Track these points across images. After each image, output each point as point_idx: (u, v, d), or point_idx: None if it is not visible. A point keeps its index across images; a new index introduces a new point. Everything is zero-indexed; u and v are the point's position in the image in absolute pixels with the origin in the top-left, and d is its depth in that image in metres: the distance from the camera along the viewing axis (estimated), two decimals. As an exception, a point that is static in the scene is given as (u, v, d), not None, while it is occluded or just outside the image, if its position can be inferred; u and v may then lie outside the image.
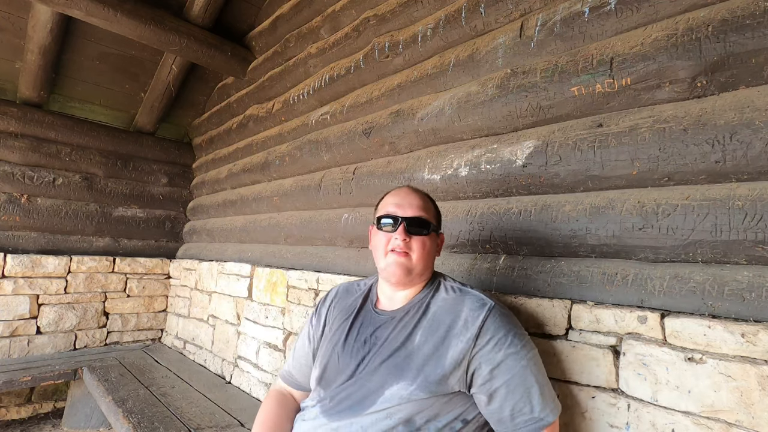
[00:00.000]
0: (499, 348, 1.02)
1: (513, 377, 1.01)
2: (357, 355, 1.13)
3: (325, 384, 1.16)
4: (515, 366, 1.01)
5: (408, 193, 1.20)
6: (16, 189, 3.31)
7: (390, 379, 1.05)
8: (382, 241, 1.15)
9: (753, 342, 0.94)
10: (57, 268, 3.41)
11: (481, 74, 1.68)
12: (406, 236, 1.11)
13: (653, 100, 1.22)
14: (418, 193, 1.22)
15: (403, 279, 1.12)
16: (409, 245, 1.12)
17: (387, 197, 1.23)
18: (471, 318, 1.06)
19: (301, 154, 2.62)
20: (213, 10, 3.18)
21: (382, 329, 1.14)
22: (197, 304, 3.49)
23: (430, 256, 1.17)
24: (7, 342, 3.17)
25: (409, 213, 1.14)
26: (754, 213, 1.00)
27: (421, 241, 1.13)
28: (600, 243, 1.28)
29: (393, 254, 1.12)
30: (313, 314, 1.36)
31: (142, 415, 2.19)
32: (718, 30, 1.06)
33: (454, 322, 1.07)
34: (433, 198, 1.27)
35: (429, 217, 1.17)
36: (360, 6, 2.34)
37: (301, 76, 2.80)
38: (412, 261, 1.12)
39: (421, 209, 1.16)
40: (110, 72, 3.48)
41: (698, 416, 0.99)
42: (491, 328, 1.04)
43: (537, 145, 1.43)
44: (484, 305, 1.07)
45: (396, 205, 1.16)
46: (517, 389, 1.00)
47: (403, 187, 1.26)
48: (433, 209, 1.22)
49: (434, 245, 1.19)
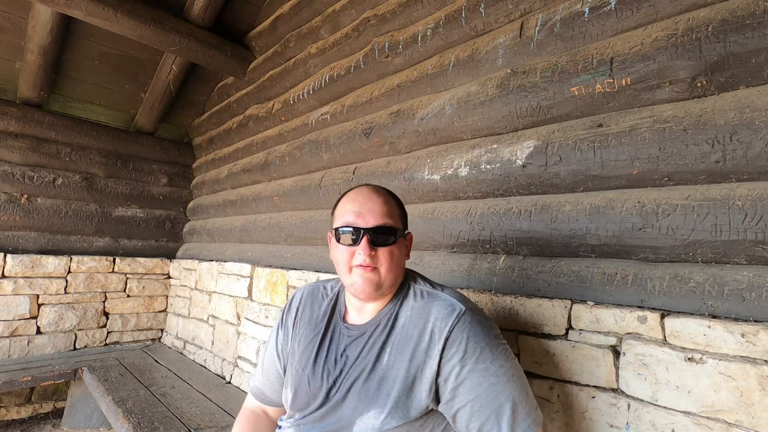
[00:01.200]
0: (464, 363, 0.93)
1: (478, 397, 0.91)
2: (328, 378, 1.05)
3: (297, 408, 1.10)
4: (482, 384, 0.91)
5: (368, 197, 1.04)
6: (16, 189, 3.31)
7: (361, 406, 0.98)
8: (344, 256, 1.02)
9: (753, 342, 0.94)
10: (57, 268, 3.41)
11: (481, 74, 1.68)
12: (371, 250, 0.99)
13: (653, 100, 1.22)
14: (380, 193, 1.07)
15: (372, 294, 1.02)
16: (375, 258, 0.99)
17: (344, 202, 1.07)
18: (438, 328, 0.97)
19: (301, 154, 2.62)
20: (213, 10, 3.18)
21: (353, 347, 1.06)
22: (197, 304, 3.49)
23: (400, 264, 1.05)
24: (7, 342, 3.18)
25: (372, 222, 1.00)
26: (754, 213, 1.00)
27: (388, 252, 1.01)
28: (600, 243, 1.28)
29: (359, 269, 1.00)
30: (279, 325, 1.25)
31: (142, 415, 2.19)
32: (718, 30, 1.06)
33: (422, 336, 0.98)
34: (395, 195, 1.14)
35: (394, 222, 1.04)
36: (360, 6, 2.34)
37: (301, 76, 2.80)
38: (380, 275, 1.00)
39: (385, 215, 1.02)
40: (110, 72, 3.48)
41: (698, 416, 0.99)
42: (457, 338, 0.94)
43: (537, 145, 1.43)
44: (452, 312, 0.97)
45: (356, 213, 1.02)
46: (483, 410, 0.91)
47: (361, 187, 1.09)
48: (397, 210, 1.09)
49: (403, 251, 1.07)
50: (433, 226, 1.76)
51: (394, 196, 1.12)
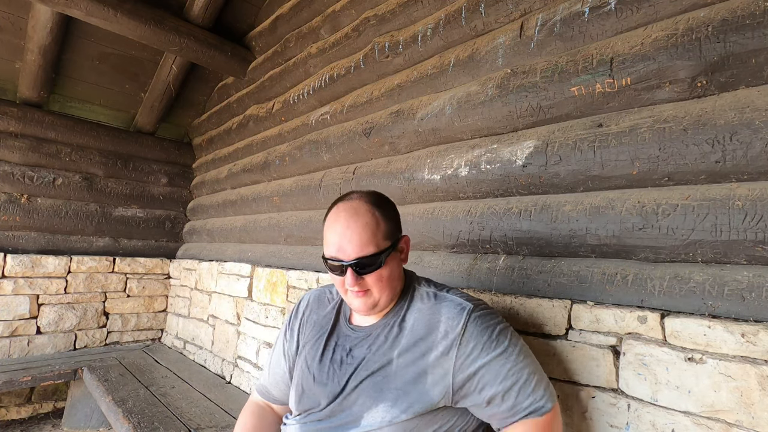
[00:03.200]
0: (486, 353, 0.99)
1: (506, 378, 0.98)
2: (334, 377, 1.08)
3: (303, 407, 1.12)
4: (506, 365, 0.99)
5: (346, 225, 1.01)
6: (16, 189, 3.31)
7: (369, 402, 1.01)
8: (336, 280, 1.05)
9: (753, 342, 0.94)
10: (57, 268, 3.42)
11: (481, 74, 1.68)
12: (357, 279, 1.00)
13: (653, 100, 1.22)
14: (358, 215, 1.02)
15: (370, 312, 1.07)
16: (364, 284, 1.02)
17: (327, 227, 1.06)
18: (450, 327, 1.01)
19: (301, 154, 2.62)
20: (213, 10, 3.18)
21: (359, 348, 1.09)
22: (197, 304, 3.49)
23: (393, 281, 1.06)
24: (7, 342, 3.18)
25: (352, 255, 0.99)
26: (754, 213, 1.00)
27: (377, 276, 1.01)
28: (600, 243, 1.28)
29: (352, 294, 1.03)
30: (286, 328, 1.29)
31: (142, 415, 2.19)
32: (718, 30, 1.06)
33: (433, 335, 1.02)
34: (382, 202, 1.09)
35: (376, 245, 1.00)
36: (360, 6, 2.34)
37: (301, 76, 2.80)
38: (373, 296, 1.04)
39: (364, 244, 0.99)
40: (110, 72, 3.48)
41: (698, 416, 1.00)
42: (474, 334, 1.00)
43: (537, 145, 1.43)
44: (462, 311, 1.02)
45: (336, 247, 1.01)
46: (513, 388, 0.98)
47: (340, 209, 1.05)
48: (382, 225, 1.03)
49: (396, 264, 1.07)
50: (433, 226, 1.76)
51: (379, 206, 1.06)
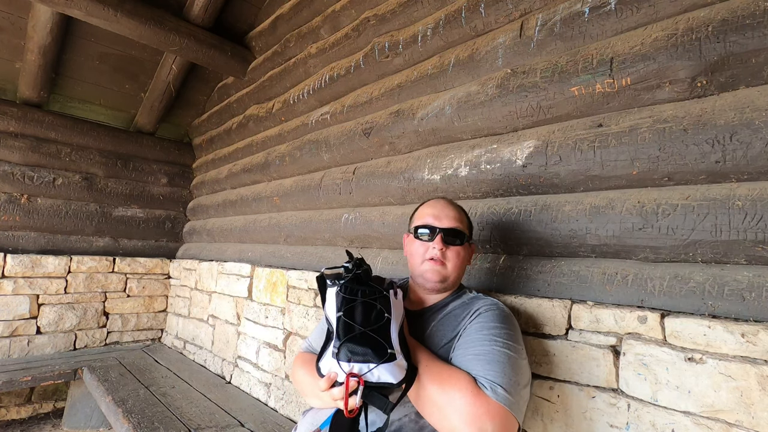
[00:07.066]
0: (482, 327, 1.07)
1: (483, 348, 1.01)
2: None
3: None
4: (486, 340, 1.03)
5: (445, 206, 1.26)
6: (16, 189, 3.31)
7: None
8: (419, 249, 1.22)
9: (753, 342, 0.94)
10: (57, 268, 3.41)
11: (481, 74, 1.68)
12: (443, 246, 1.19)
13: (653, 100, 1.22)
14: (454, 205, 1.29)
15: (438, 286, 1.20)
16: (445, 254, 1.19)
17: (424, 208, 1.29)
18: (477, 308, 1.15)
19: (301, 154, 2.62)
20: (213, 10, 3.18)
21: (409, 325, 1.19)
22: (197, 304, 3.49)
23: (463, 265, 1.25)
24: (7, 342, 3.17)
25: (446, 224, 1.21)
26: (754, 213, 1.00)
27: (456, 251, 1.21)
28: (600, 243, 1.28)
29: (430, 263, 1.19)
30: None
31: (142, 415, 2.19)
32: (718, 30, 1.06)
33: (466, 314, 1.16)
34: (465, 210, 1.32)
35: (463, 228, 1.24)
36: (360, 6, 2.34)
37: (301, 76, 2.80)
38: (447, 269, 1.19)
39: (457, 220, 1.23)
40: (110, 72, 3.48)
41: (698, 416, 0.99)
42: (489, 315, 1.11)
43: (537, 145, 1.43)
44: (493, 303, 1.17)
45: (433, 216, 1.23)
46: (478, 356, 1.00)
47: (439, 198, 1.32)
48: (466, 221, 1.28)
49: (467, 255, 1.26)
50: (433, 226, 1.76)
51: (465, 211, 1.32)
